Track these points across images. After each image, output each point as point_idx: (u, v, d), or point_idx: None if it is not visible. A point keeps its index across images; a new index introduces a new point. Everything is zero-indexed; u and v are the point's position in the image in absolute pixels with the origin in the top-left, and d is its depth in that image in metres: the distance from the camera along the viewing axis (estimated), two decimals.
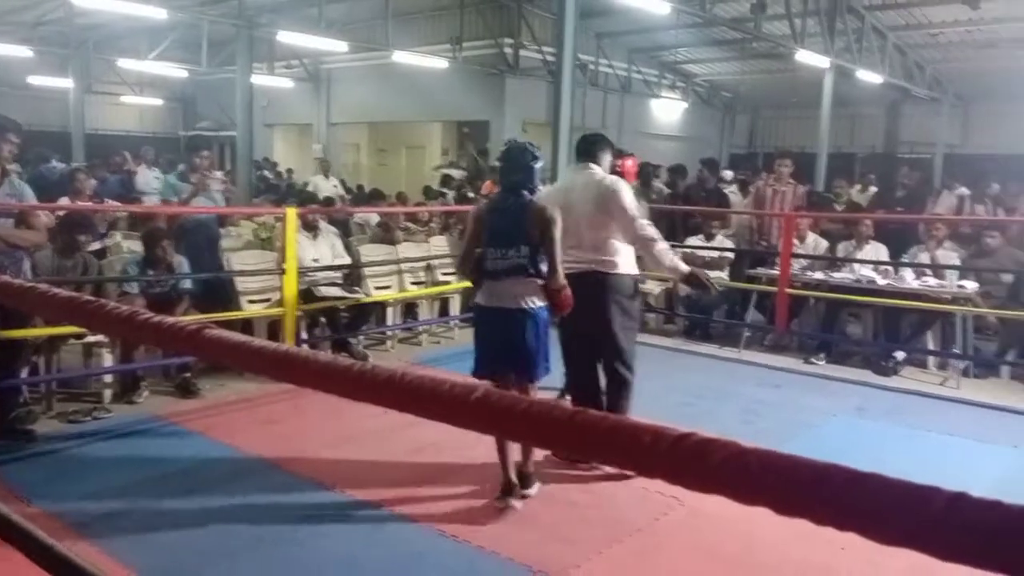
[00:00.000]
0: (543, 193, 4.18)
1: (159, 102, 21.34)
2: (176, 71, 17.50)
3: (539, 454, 4.05)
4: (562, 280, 3.74)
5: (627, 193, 4.22)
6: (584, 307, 3.96)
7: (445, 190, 13.16)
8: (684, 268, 4.30)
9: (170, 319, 1.23)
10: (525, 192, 3.79)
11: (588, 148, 4.44)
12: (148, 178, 11.97)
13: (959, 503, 0.67)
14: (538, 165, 3.84)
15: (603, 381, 4.40)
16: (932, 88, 16.73)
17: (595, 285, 4.15)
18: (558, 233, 3.72)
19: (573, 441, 0.88)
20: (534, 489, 3.91)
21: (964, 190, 10.51)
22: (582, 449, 0.89)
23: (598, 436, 0.84)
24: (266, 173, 16.41)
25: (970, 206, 9.38)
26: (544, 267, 3.72)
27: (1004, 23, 12.60)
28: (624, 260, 4.24)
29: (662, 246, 4.22)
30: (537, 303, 3.75)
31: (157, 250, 5.63)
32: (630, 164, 5.02)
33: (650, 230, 4.21)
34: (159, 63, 16.26)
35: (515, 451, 3.82)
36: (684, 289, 7.94)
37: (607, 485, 4.09)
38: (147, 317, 1.22)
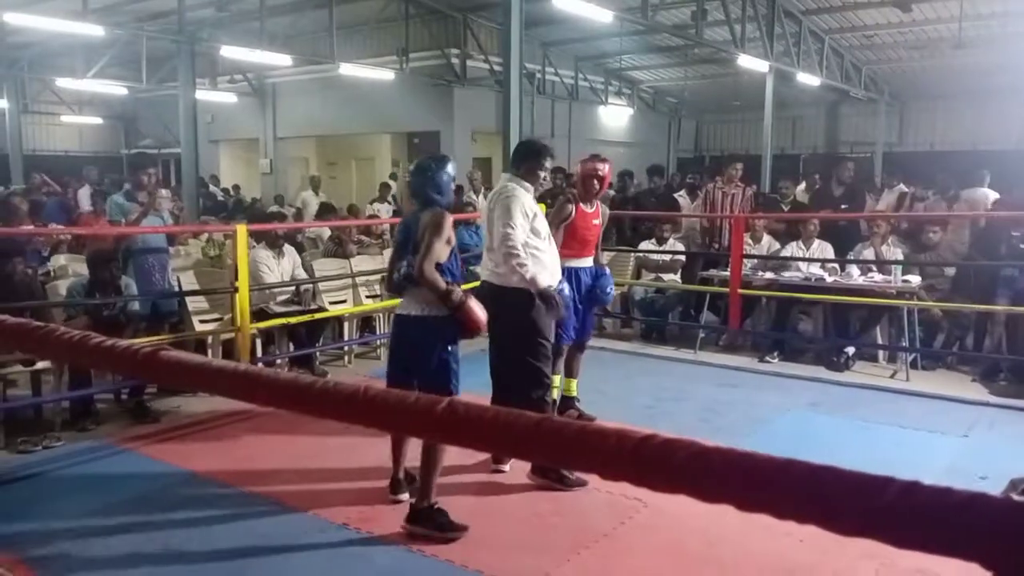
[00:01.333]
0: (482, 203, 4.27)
1: (99, 121, 20.88)
2: (116, 89, 17.13)
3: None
4: (450, 295, 3.60)
5: (514, 203, 4.05)
6: (491, 319, 3.87)
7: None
8: (539, 286, 4.07)
9: (124, 342, 1.20)
10: (426, 202, 3.76)
11: (512, 158, 4.40)
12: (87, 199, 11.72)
13: (912, 491, 0.70)
14: (440, 175, 3.77)
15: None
16: (869, 89, 17.24)
17: (495, 296, 4.06)
18: (437, 240, 3.59)
19: (541, 448, 0.89)
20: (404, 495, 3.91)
21: (903, 187, 10.82)
22: (550, 455, 0.90)
23: (564, 442, 0.85)
24: (212, 190, 16.15)
25: (910, 202, 9.65)
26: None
27: (934, 24, 13.06)
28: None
29: (520, 262, 4.01)
30: (435, 311, 3.66)
31: (103, 272, 5.50)
32: (603, 170, 4.93)
33: (513, 243, 4.01)
34: (98, 81, 15.89)
35: (413, 452, 3.82)
36: (639, 292, 8.07)
37: (571, 493, 4.12)
38: (100, 341, 1.20)
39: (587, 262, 5.01)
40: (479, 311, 3.70)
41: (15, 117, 18.27)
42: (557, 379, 4.78)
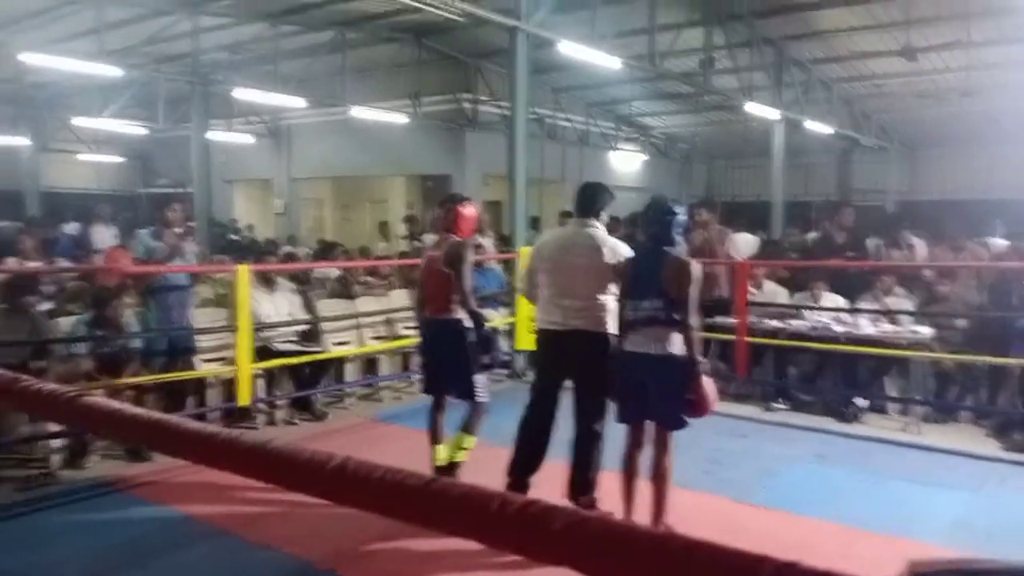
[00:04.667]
0: (537, 243, 4.39)
1: (117, 159, 21.14)
2: (133, 128, 17.38)
3: None
4: (697, 358, 3.79)
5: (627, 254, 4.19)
6: (568, 366, 4.10)
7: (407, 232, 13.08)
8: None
9: (50, 386, 1.18)
10: (664, 245, 3.92)
11: (587, 203, 4.35)
12: (105, 236, 11.81)
13: (787, 571, 0.66)
14: (679, 219, 3.98)
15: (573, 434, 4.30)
16: (879, 137, 17.26)
17: (585, 343, 4.13)
18: (696, 292, 3.79)
19: (426, 509, 0.84)
20: None
21: (876, 239, 10.57)
22: (433, 518, 0.85)
23: (448, 503, 0.81)
24: (230, 231, 16.26)
25: (885, 251, 9.30)
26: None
27: (942, 74, 13.09)
28: (612, 319, 4.19)
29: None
30: (679, 350, 3.80)
31: (107, 310, 5.50)
32: (469, 212, 4.88)
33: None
34: (115, 121, 16.14)
35: None
36: None
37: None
38: (26, 384, 1.17)
39: None
40: (712, 389, 3.84)
41: (33, 155, 18.54)
42: None
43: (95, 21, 10.52)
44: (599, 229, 4.26)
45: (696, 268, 3.88)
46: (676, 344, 3.82)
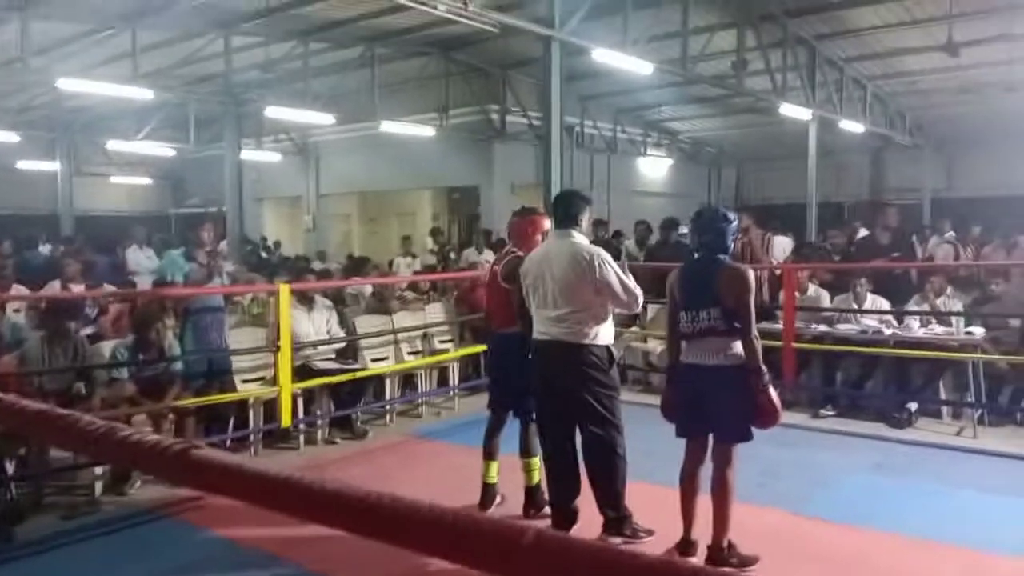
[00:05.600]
0: (529, 257, 4.26)
1: (148, 181, 21.39)
2: (164, 150, 17.58)
3: None
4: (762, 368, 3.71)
5: (612, 265, 4.09)
6: (557, 379, 4.05)
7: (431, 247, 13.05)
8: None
9: (82, 416, 1.12)
10: (718, 254, 3.84)
11: (567, 211, 4.23)
12: (139, 258, 11.88)
13: None
14: (731, 227, 3.89)
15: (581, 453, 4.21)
16: (914, 135, 16.96)
17: (567, 356, 4.04)
18: (752, 300, 3.73)
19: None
20: None
21: (953, 234, 10.50)
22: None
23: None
24: (262, 248, 16.35)
25: (975, 248, 9.24)
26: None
27: (980, 68, 12.81)
28: (601, 331, 4.10)
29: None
30: (733, 361, 3.73)
31: (149, 333, 5.49)
32: (530, 225, 4.77)
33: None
34: (147, 143, 16.33)
35: None
36: None
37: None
38: (58, 417, 1.11)
39: None
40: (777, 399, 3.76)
41: (67, 179, 18.83)
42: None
43: (130, 45, 10.63)
44: (578, 237, 4.15)
45: (751, 276, 3.78)
46: (735, 354, 3.71)
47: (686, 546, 3.87)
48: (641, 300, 4.15)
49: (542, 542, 0.74)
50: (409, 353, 7.49)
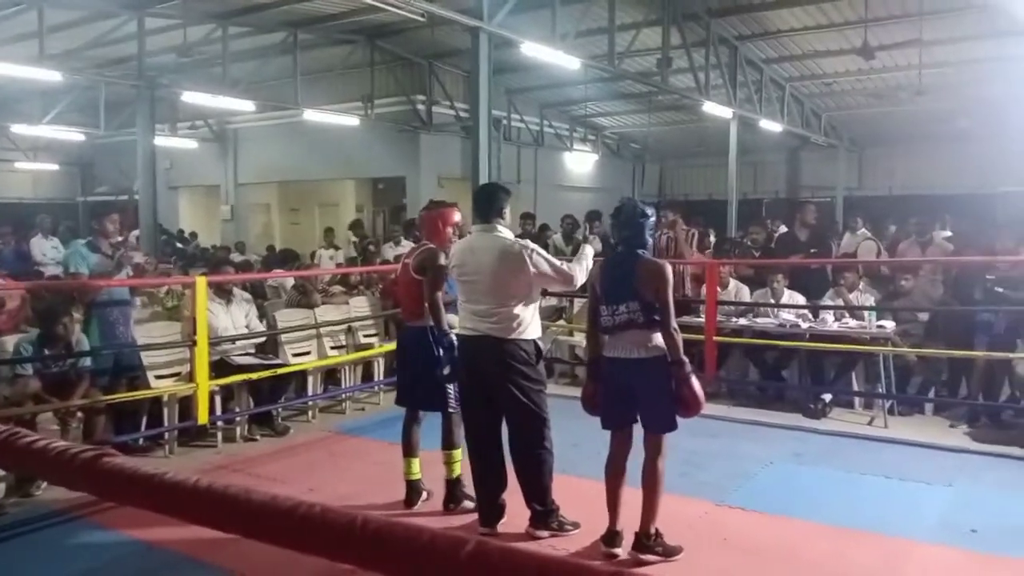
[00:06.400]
0: (452, 251, 4.26)
1: (55, 167, 20.37)
2: (73, 135, 16.74)
3: None
4: (684, 359, 3.75)
5: (540, 252, 4.10)
6: (484, 374, 4.02)
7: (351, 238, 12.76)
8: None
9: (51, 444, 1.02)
10: (638, 249, 3.87)
11: (488, 205, 4.19)
12: (44, 248, 11.33)
13: None
14: (649, 222, 3.91)
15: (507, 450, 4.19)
16: (828, 135, 17.57)
17: (494, 351, 4.02)
18: (671, 294, 3.75)
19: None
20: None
21: (866, 231, 10.91)
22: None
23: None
24: (177, 239, 15.78)
25: (891, 244, 9.59)
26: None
27: (892, 72, 13.34)
28: (528, 325, 4.10)
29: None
30: (657, 353, 3.76)
31: (55, 327, 5.20)
32: (443, 218, 4.72)
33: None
34: (54, 127, 15.50)
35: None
36: None
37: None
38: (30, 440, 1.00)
39: None
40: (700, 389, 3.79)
41: None
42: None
43: (36, 24, 10.07)
44: (503, 231, 4.15)
45: (669, 270, 3.83)
46: (657, 346, 3.75)
47: (612, 537, 3.89)
48: (580, 277, 4.15)
49: (482, 553, 0.70)
50: (332, 348, 7.34)
